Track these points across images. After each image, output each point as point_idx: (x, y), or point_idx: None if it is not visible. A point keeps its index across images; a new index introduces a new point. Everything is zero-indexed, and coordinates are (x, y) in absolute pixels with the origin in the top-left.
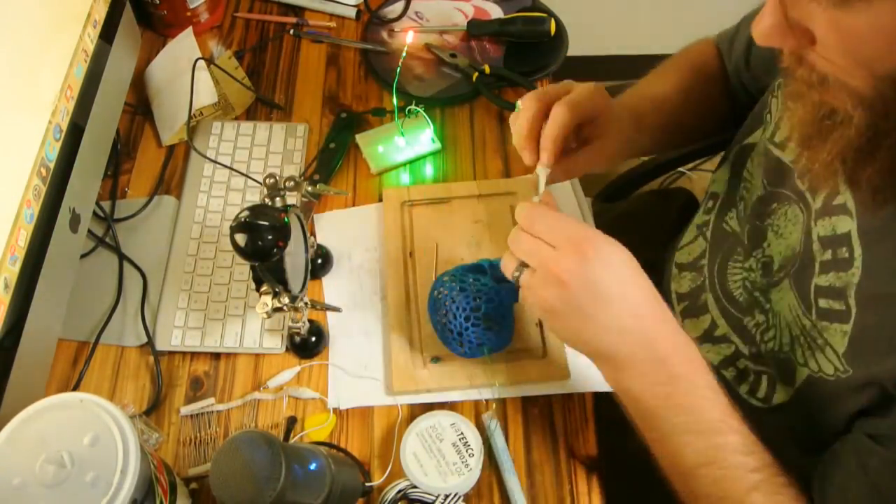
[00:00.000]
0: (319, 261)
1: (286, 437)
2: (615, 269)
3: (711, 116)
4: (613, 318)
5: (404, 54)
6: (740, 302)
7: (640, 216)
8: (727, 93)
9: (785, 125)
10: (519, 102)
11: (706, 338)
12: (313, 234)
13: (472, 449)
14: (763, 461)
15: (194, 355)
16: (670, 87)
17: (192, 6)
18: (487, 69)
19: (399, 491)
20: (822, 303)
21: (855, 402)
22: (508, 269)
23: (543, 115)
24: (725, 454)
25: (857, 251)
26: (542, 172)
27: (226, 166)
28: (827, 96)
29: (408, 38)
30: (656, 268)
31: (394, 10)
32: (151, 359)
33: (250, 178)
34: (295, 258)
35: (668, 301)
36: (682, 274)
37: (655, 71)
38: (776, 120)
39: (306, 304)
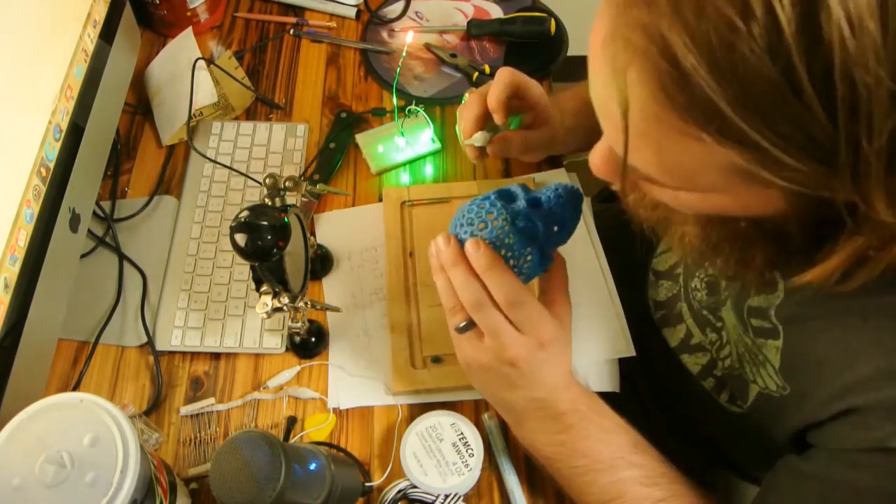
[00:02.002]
0: (319, 261)
1: (286, 437)
2: (554, 359)
3: None
4: (530, 392)
5: (404, 54)
6: (705, 315)
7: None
8: None
9: None
10: (466, 94)
11: (683, 347)
12: (313, 234)
13: (472, 449)
14: (671, 490)
15: (194, 355)
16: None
17: (192, 6)
18: (487, 69)
19: (399, 491)
20: (754, 321)
21: (797, 419)
22: (451, 312)
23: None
24: (630, 487)
25: (778, 276)
26: (479, 137)
27: (226, 166)
28: (672, 214)
29: (408, 38)
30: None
31: (394, 10)
32: (151, 359)
33: (250, 178)
34: (295, 258)
35: (645, 308)
36: (659, 282)
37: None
38: None
39: (306, 304)
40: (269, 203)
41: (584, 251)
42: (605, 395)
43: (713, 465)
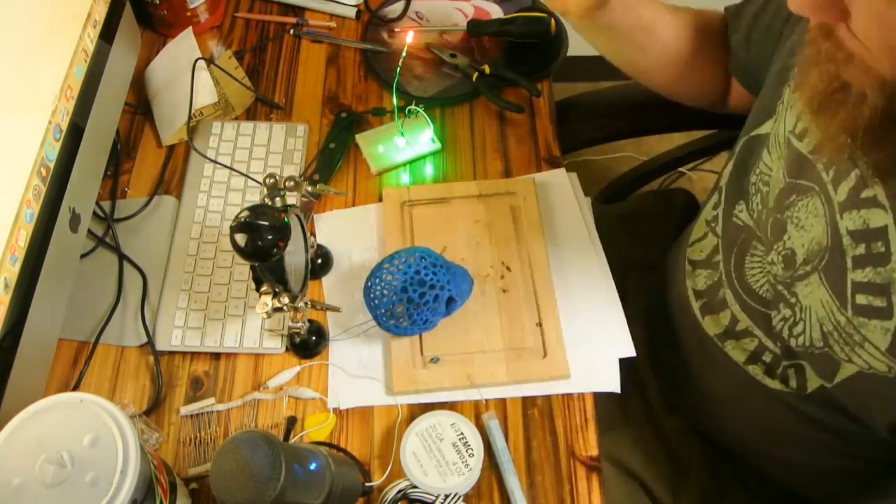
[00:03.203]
0: (319, 261)
1: (286, 437)
2: None
3: (698, 73)
4: None
5: (404, 54)
6: (762, 296)
7: (640, 217)
8: (720, 63)
9: (797, 105)
10: None
11: (728, 334)
12: (313, 234)
13: (472, 449)
14: None
15: (194, 355)
16: (670, 16)
17: (192, 6)
18: (487, 69)
19: (399, 491)
20: (861, 299)
21: None
22: None
23: None
24: None
25: (895, 246)
26: None
27: (226, 166)
28: (844, 71)
29: (408, 38)
30: (657, 269)
31: (394, 10)
32: (151, 359)
33: (250, 178)
34: (295, 258)
35: (685, 298)
36: (697, 271)
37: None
38: (795, 111)
39: (306, 304)
40: (269, 203)
41: (584, 251)
42: (604, 395)
43: (718, 467)
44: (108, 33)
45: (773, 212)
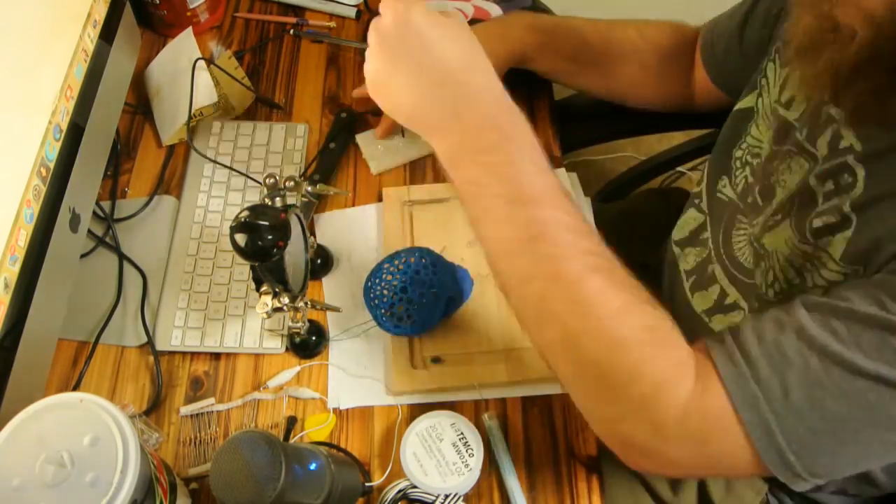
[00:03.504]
0: (319, 261)
1: (286, 437)
2: (422, 35)
3: (673, 74)
4: (419, 86)
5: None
6: (744, 264)
7: (639, 216)
8: (684, 69)
9: (790, 85)
10: None
11: (717, 308)
12: (313, 234)
13: (472, 449)
14: (602, 248)
15: (194, 355)
16: (603, 26)
17: (192, 6)
18: None
19: (399, 491)
20: (816, 222)
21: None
22: None
23: None
24: (553, 229)
25: (861, 174)
26: None
27: (226, 166)
28: (836, 9)
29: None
30: (654, 270)
31: None
32: (151, 359)
33: (250, 178)
34: (295, 258)
35: (676, 279)
36: (686, 251)
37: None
38: (780, 83)
39: (306, 304)
40: (269, 203)
41: None
42: None
43: None
44: (108, 33)
45: (759, 179)
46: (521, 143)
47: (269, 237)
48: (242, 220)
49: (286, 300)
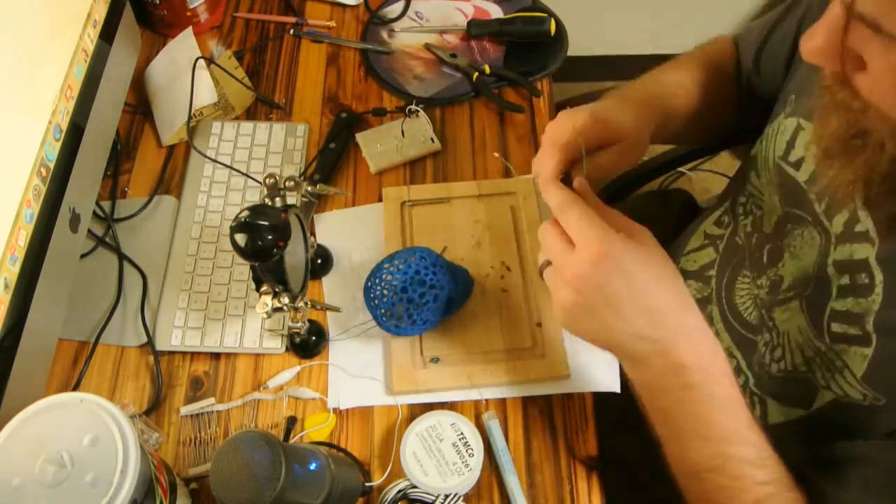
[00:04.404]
0: (319, 261)
1: (286, 437)
2: (629, 274)
3: (723, 115)
4: (627, 324)
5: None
6: (746, 319)
7: (639, 217)
8: (736, 95)
9: (800, 144)
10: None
11: None
12: (313, 234)
13: (472, 449)
14: (776, 474)
15: (194, 355)
16: (686, 79)
17: (192, 6)
18: (487, 69)
19: (399, 491)
20: (836, 327)
21: (890, 426)
22: (538, 262)
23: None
24: (734, 464)
25: (879, 277)
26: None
27: (226, 166)
28: (863, 121)
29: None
30: None
31: (394, 10)
32: (151, 359)
33: (250, 177)
34: (295, 258)
35: None
36: (688, 282)
37: (672, 63)
38: (788, 138)
39: (306, 304)
40: (269, 203)
41: None
42: (604, 395)
43: None
44: (108, 33)
45: (772, 238)
46: (721, 381)
47: (269, 237)
48: (242, 220)
49: (286, 300)
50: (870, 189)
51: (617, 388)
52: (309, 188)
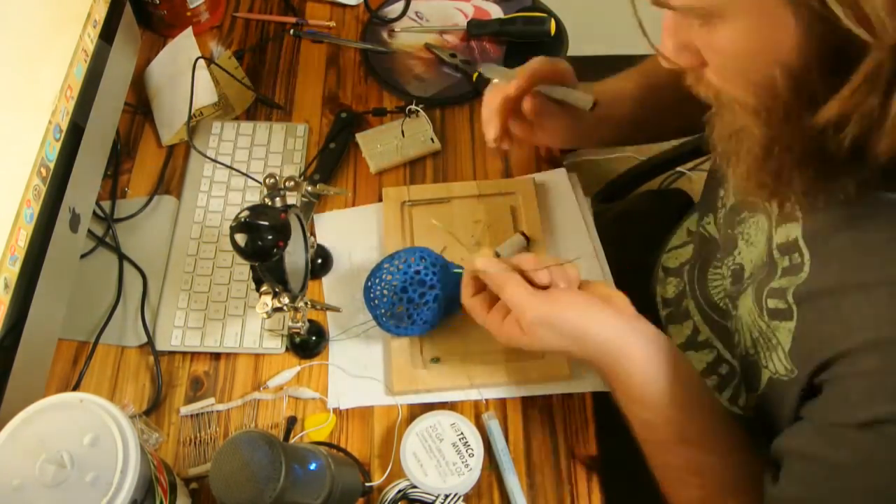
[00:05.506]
0: (319, 261)
1: (286, 437)
2: (556, 331)
3: (671, 118)
4: (562, 350)
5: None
6: (722, 308)
7: (638, 216)
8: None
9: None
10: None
11: (689, 344)
12: (313, 234)
13: (472, 449)
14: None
15: (194, 355)
16: (631, 84)
17: (192, 6)
18: None
19: (399, 491)
20: (771, 302)
21: (797, 396)
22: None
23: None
24: (658, 433)
25: (806, 255)
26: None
27: (226, 166)
28: (729, 115)
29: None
30: (653, 271)
31: (394, 10)
32: (151, 359)
33: (250, 178)
34: (295, 258)
35: (653, 306)
36: (668, 279)
37: (626, 71)
38: None
39: (306, 304)
40: (269, 203)
41: (584, 251)
42: (605, 395)
43: None
44: (108, 33)
45: (724, 227)
46: (626, 380)
47: (269, 237)
48: (242, 220)
49: (286, 300)
50: (760, 177)
51: None
52: (309, 188)
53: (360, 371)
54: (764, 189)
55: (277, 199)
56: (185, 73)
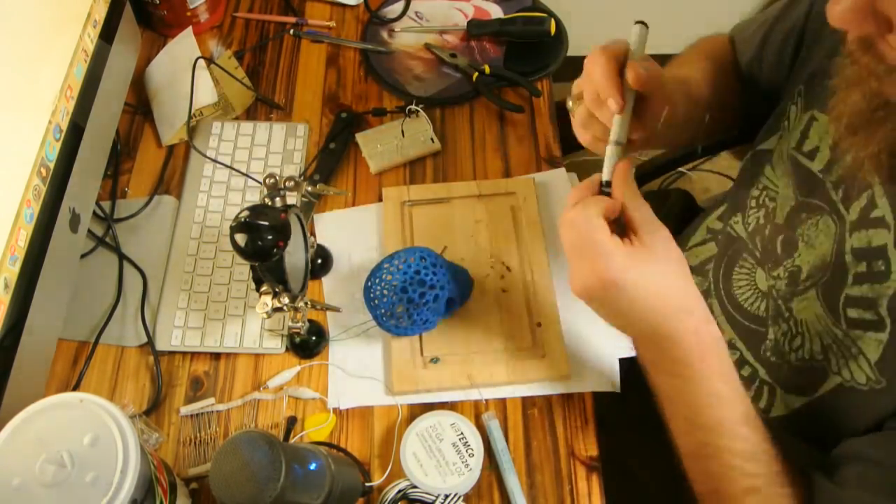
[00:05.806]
0: (319, 261)
1: (286, 437)
2: (632, 300)
3: (729, 110)
4: (628, 325)
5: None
6: (750, 310)
7: None
8: (739, 88)
9: (814, 134)
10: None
11: None
12: (313, 234)
13: (472, 449)
14: (767, 469)
15: (194, 355)
16: (699, 74)
17: (192, 6)
18: (487, 69)
19: (399, 491)
20: (852, 312)
21: (885, 409)
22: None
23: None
24: (724, 455)
25: (895, 265)
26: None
27: (226, 166)
28: (887, 87)
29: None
30: None
31: (394, 10)
32: (151, 359)
33: (250, 178)
34: (295, 258)
35: None
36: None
37: (678, 58)
38: (801, 129)
39: (306, 304)
40: (269, 203)
41: None
42: (605, 395)
43: None
44: (108, 33)
45: (783, 229)
46: (713, 377)
47: (269, 237)
48: (242, 220)
49: (286, 300)
50: (893, 161)
51: (617, 388)
52: (309, 188)
53: (360, 371)
54: (879, 175)
55: (277, 199)
56: (185, 72)
